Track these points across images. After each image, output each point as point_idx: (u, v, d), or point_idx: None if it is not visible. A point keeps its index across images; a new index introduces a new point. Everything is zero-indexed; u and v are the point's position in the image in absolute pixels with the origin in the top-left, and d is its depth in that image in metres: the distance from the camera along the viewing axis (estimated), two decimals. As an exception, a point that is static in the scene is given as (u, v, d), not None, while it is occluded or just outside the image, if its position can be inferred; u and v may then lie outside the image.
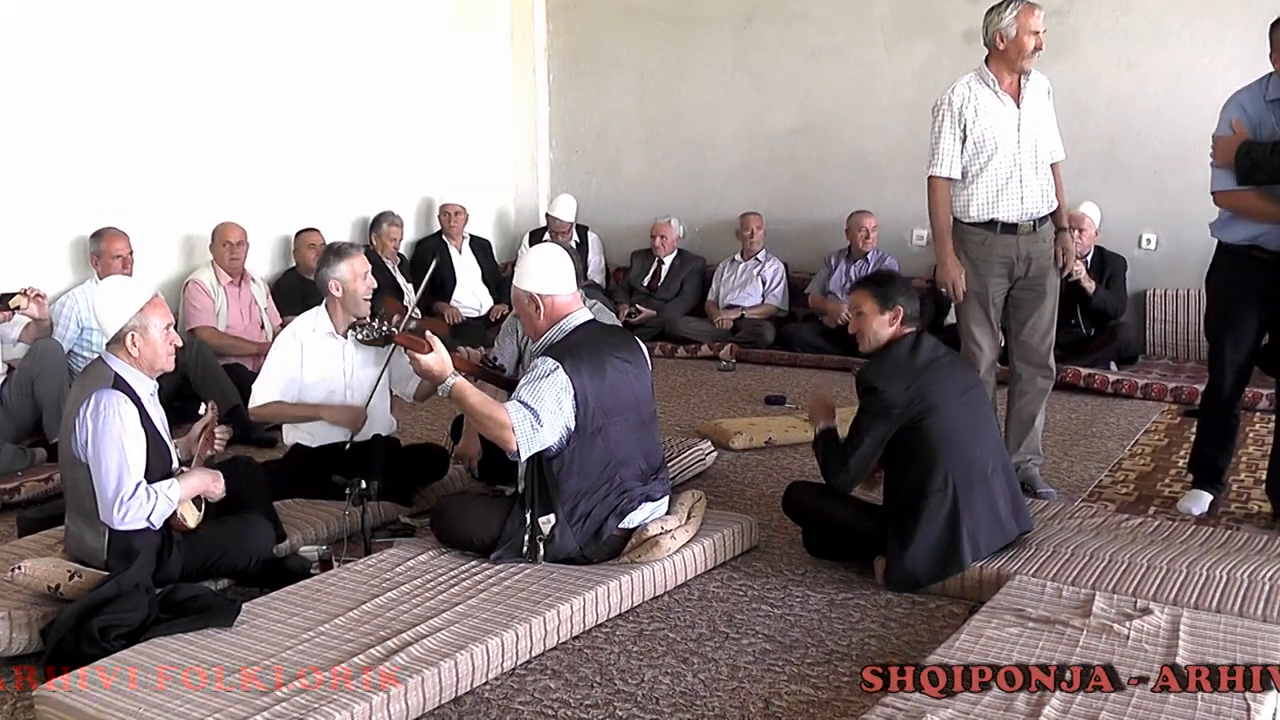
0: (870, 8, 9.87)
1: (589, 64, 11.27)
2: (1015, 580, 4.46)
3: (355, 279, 5.59)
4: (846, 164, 10.07)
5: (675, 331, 9.73)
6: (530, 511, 4.70)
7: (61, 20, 7.36)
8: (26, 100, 7.27)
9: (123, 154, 7.80)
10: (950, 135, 5.68)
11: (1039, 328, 5.81)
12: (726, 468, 6.53)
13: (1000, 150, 5.62)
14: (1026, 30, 5.53)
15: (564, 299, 4.86)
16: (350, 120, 9.61)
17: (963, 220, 5.77)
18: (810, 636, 4.38)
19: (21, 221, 7.24)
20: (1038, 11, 5.56)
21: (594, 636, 4.40)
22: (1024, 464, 5.84)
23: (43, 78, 7.32)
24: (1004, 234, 5.67)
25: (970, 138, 5.65)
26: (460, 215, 10.20)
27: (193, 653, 3.96)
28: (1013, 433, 5.88)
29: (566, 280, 4.90)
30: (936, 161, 5.74)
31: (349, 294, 5.60)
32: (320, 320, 5.70)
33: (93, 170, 7.61)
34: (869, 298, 4.81)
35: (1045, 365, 5.86)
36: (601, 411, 4.67)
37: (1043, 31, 5.58)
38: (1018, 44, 5.56)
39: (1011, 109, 5.62)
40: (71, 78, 7.43)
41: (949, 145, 5.69)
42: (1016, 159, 5.62)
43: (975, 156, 5.66)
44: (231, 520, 4.77)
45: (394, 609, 4.33)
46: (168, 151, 8.05)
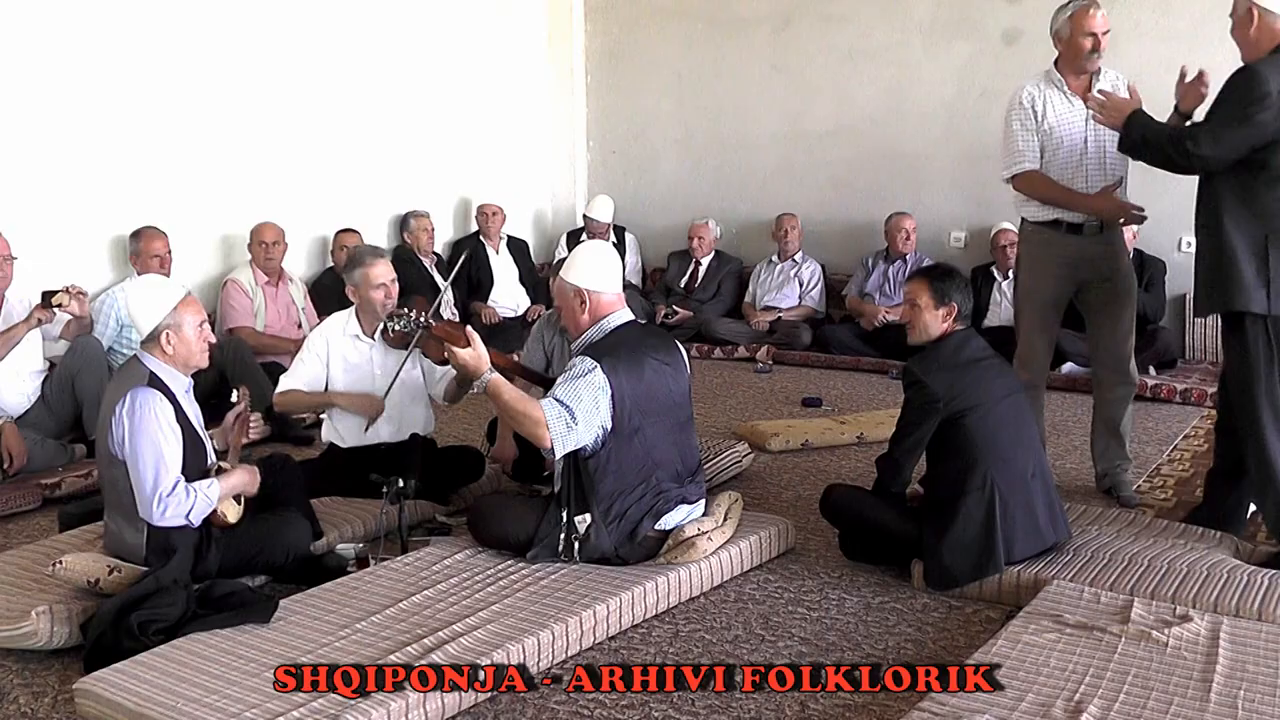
0: (909, 8, 9.84)
1: (626, 65, 11.28)
2: (1053, 585, 4.44)
3: (368, 286, 5.58)
4: (884, 165, 10.05)
5: (712, 333, 9.71)
6: (566, 511, 4.71)
7: (102, 21, 7.41)
8: (68, 101, 7.32)
9: (162, 154, 7.85)
10: (1024, 131, 5.60)
11: (1115, 333, 5.71)
12: (763, 469, 6.52)
13: (1067, 150, 5.55)
14: (1082, 32, 5.47)
15: (609, 298, 4.86)
16: (388, 120, 9.65)
17: (1027, 219, 5.72)
18: (847, 640, 4.36)
19: (63, 220, 7.30)
20: (1095, 12, 5.46)
21: (630, 637, 4.40)
22: (1111, 470, 5.80)
23: (84, 78, 7.37)
24: (1068, 234, 5.59)
25: (1038, 137, 5.59)
26: (497, 215, 10.22)
27: (230, 648, 3.98)
28: (1100, 438, 5.82)
29: (614, 279, 4.91)
30: (1018, 159, 5.63)
31: (363, 300, 5.61)
32: (350, 322, 5.72)
33: (132, 170, 7.66)
34: (926, 290, 4.78)
35: (1123, 371, 5.75)
36: (639, 412, 4.67)
37: (1104, 32, 5.48)
38: (1074, 46, 5.50)
39: (1080, 109, 5.53)
40: (112, 78, 7.48)
41: (1027, 140, 5.60)
42: (1083, 160, 5.55)
43: (1042, 156, 5.59)
44: (269, 517, 4.80)
45: (430, 607, 4.34)
46: (207, 152, 8.10)
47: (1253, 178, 4.71)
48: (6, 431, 6.21)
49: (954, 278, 4.89)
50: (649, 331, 5.14)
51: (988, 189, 9.42)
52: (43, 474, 6.19)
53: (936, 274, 4.89)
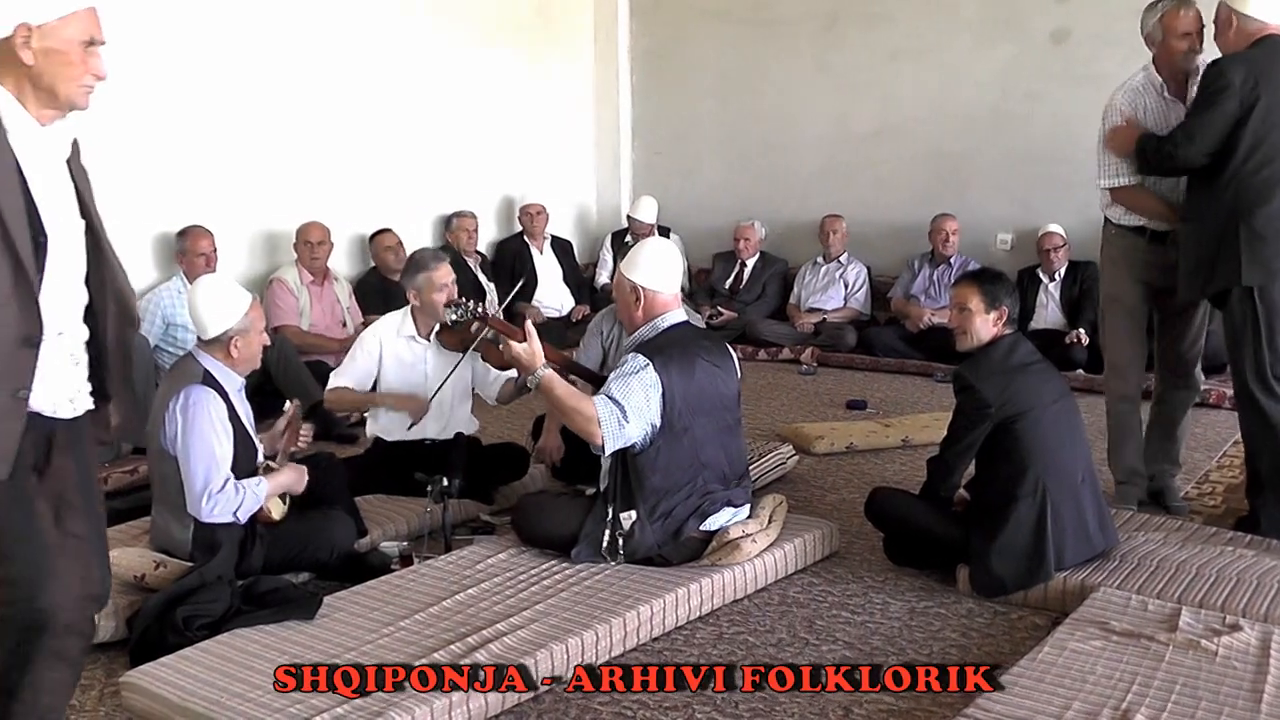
0: (955, 8, 9.79)
1: (671, 66, 11.29)
2: (1100, 592, 4.39)
3: (431, 290, 5.61)
4: (930, 166, 10.00)
5: (756, 334, 9.69)
6: (612, 507, 4.71)
7: (147, 22, 7.45)
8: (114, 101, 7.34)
9: (208, 153, 7.88)
10: None
11: (1184, 338, 5.61)
12: (807, 472, 6.50)
13: None
14: (1174, 34, 5.29)
15: (665, 297, 4.88)
16: (433, 120, 9.69)
17: (1112, 220, 5.61)
18: (891, 645, 4.34)
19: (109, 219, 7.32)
20: (1185, 11, 5.29)
21: (673, 639, 4.39)
22: (1160, 473, 5.73)
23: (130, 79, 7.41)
24: (1152, 242, 5.47)
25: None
26: (541, 215, 10.24)
27: (273, 644, 4.00)
28: (1153, 441, 5.75)
29: (672, 280, 4.93)
30: (1118, 171, 5.46)
31: (425, 304, 5.63)
32: (405, 323, 5.75)
33: (178, 169, 7.70)
34: (976, 295, 4.74)
35: (1187, 375, 5.68)
36: (688, 411, 4.67)
37: (1198, 30, 5.30)
38: (1166, 48, 5.34)
39: (1179, 110, 5.32)
40: (158, 79, 7.52)
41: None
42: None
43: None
44: (313, 515, 4.83)
45: (474, 606, 4.35)
46: (252, 151, 8.14)
47: (1222, 166, 4.89)
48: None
49: (1003, 281, 4.87)
50: (701, 333, 5.15)
51: (1034, 191, 9.43)
52: (89, 469, 6.23)
53: (986, 278, 4.86)
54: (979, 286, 4.77)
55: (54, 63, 2.86)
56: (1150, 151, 5.12)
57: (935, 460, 4.89)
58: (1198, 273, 5.03)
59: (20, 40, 2.81)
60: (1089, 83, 8.95)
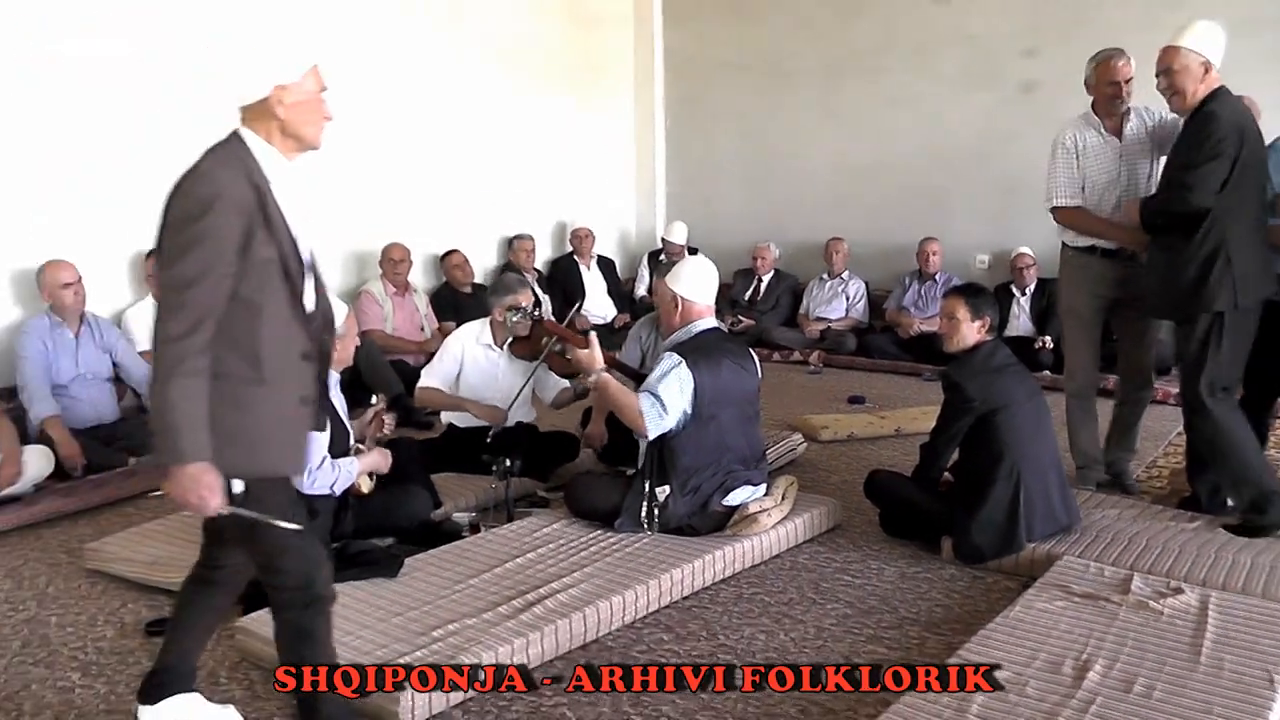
0: (939, 63, 9.75)
1: (699, 110, 11.29)
2: (1063, 560, 4.39)
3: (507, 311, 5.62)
4: (918, 196, 9.95)
5: (770, 339, 9.67)
6: (649, 483, 4.72)
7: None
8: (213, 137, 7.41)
9: (314, 185, 7.89)
10: (1065, 167, 5.46)
11: (1140, 345, 5.58)
12: (814, 457, 6.49)
13: (1104, 185, 5.39)
14: (1104, 81, 5.33)
15: (700, 307, 4.90)
16: (497, 156, 9.73)
17: (1067, 243, 5.59)
18: (885, 604, 4.34)
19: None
20: (1116, 61, 5.30)
21: (700, 598, 4.40)
22: (1118, 459, 5.69)
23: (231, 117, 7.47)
24: (1103, 259, 5.45)
25: (1078, 173, 5.44)
26: (589, 238, 10.28)
27: (363, 598, 4.04)
28: (1114, 432, 5.72)
29: (708, 292, 4.96)
30: (1056, 193, 5.50)
31: (506, 319, 5.63)
32: (484, 333, 5.80)
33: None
34: (963, 306, 4.73)
35: (1145, 378, 5.64)
36: (715, 402, 4.68)
37: (1125, 80, 5.30)
38: (1099, 93, 5.37)
39: (1114, 144, 5.37)
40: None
41: (1065, 176, 5.46)
42: (1116, 193, 5.37)
43: (1081, 189, 5.44)
44: (396, 490, 4.85)
45: (532, 568, 4.37)
46: (346, 183, 8.14)
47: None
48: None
49: (986, 295, 4.85)
50: (728, 337, 5.18)
51: (1007, 217, 9.39)
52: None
53: (972, 291, 4.84)
54: (965, 299, 4.76)
55: (301, 112, 2.91)
56: (1162, 205, 4.92)
57: (927, 447, 4.88)
58: (1167, 295, 4.90)
59: (276, 100, 2.86)
60: (1054, 125, 8.74)
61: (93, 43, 6.62)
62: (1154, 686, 3.34)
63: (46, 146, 6.54)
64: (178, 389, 2.65)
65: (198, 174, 2.79)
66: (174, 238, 2.72)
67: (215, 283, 2.70)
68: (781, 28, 10.62)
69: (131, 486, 5.83)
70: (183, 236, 2.70)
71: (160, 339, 2.68)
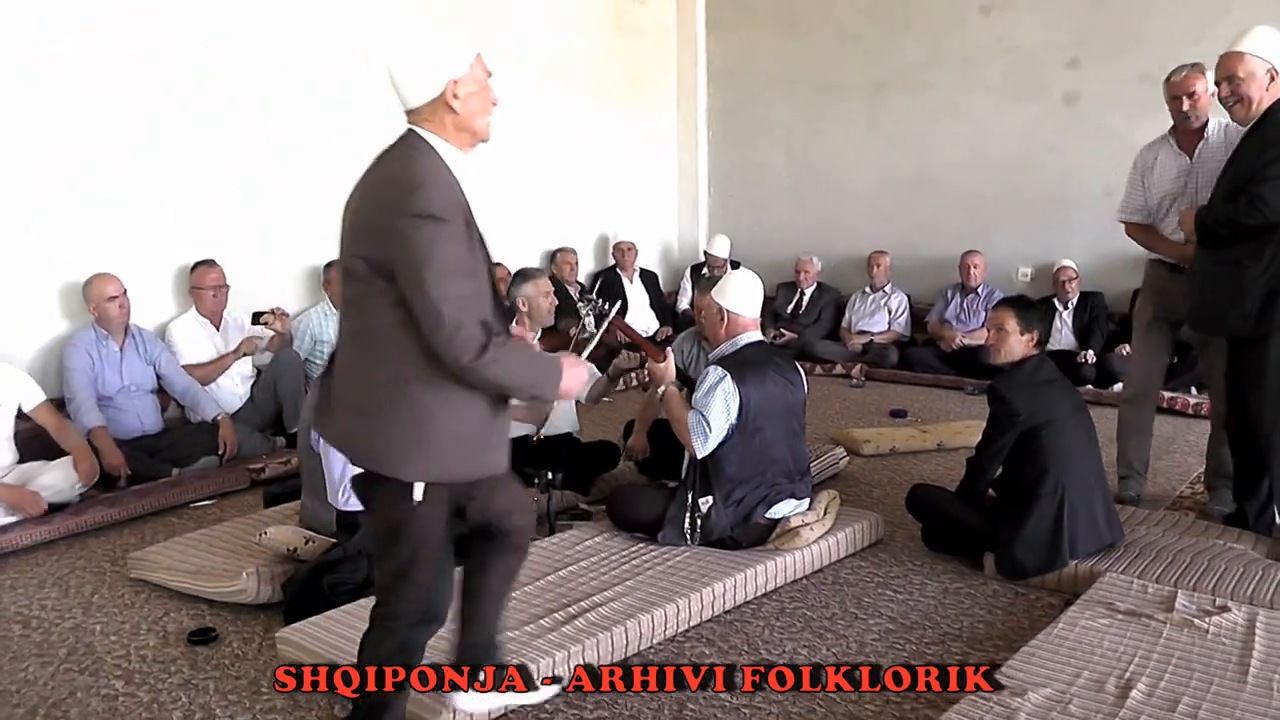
0: (983, 75, 9.70)
1: (742, 123, 11.28)
2: (1106, 577, 4.35)
3: (538, 295, 5.67)
4: (961, 209, 9.90)
5: (813, 352, 9.63)
6: (692, 494, 4.72)
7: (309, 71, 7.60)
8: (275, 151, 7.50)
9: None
10: (1131, 183, 5.46)
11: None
12: (857, 471, 6.47)
13: (1169, 201, 5.32)
14: (1169, 95, 5.24)
15: (745, 320, 4.90)
16: (541, 170, 9.75)
17: (1150, 257, 5.57)
18: (927, 619, 4.33)
19: (270, 254, 7.50)
20: (1176, 76, 5.20)
21: (742, 611, 4.40)
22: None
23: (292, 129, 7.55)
24: (1171, 271, 5.38)
25: (1144, 192, 5.42)
26: (631, 251, 10.29)
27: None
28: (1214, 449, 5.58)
29: (753, 306, 4.94)
30: (1126, 210, 5.52)
31: (534, 308, 5.66)
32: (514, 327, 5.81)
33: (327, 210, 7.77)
34: (1013, 318, 4.70)
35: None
36: (760, 415, 4.67)
37: (1189, 93, 5.14)
38: (1171, 108, 5.27)
39: (1182, 162, 5.27)
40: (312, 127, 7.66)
41: (1134, 195, 5.45)
42: (1180, 206, 5.24)
43: (1153, 204, 5.40)
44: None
45: (574, 580, 4.38)
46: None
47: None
48: (224, 424, 6.42)
49: (1037, 308, 4.81)
50: (775, 351, 5.17)
51: (1050, 230, 9.34)
52: (251, 460, 6.39)
53: (1022, 304, 4.80)
54: (1016, 311, 4.72)
55: (473, 101, 2.94)
56: (1226, 215, 4.67)
57: (972, 461, 4.85)
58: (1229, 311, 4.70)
59: (451, 94, 2.88)
60: (1096, 137, 8.91)
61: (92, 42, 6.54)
62: (1199, 706, 3.31)
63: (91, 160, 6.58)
64: (492, 362, 2.82)
65: (415, 178, 2.82)
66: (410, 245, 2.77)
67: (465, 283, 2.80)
68: (828, 41, 10.59)
69: (175, 496, 5.92)
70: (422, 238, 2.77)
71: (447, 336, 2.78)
